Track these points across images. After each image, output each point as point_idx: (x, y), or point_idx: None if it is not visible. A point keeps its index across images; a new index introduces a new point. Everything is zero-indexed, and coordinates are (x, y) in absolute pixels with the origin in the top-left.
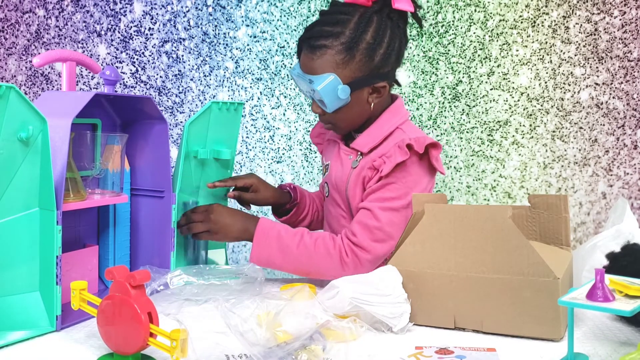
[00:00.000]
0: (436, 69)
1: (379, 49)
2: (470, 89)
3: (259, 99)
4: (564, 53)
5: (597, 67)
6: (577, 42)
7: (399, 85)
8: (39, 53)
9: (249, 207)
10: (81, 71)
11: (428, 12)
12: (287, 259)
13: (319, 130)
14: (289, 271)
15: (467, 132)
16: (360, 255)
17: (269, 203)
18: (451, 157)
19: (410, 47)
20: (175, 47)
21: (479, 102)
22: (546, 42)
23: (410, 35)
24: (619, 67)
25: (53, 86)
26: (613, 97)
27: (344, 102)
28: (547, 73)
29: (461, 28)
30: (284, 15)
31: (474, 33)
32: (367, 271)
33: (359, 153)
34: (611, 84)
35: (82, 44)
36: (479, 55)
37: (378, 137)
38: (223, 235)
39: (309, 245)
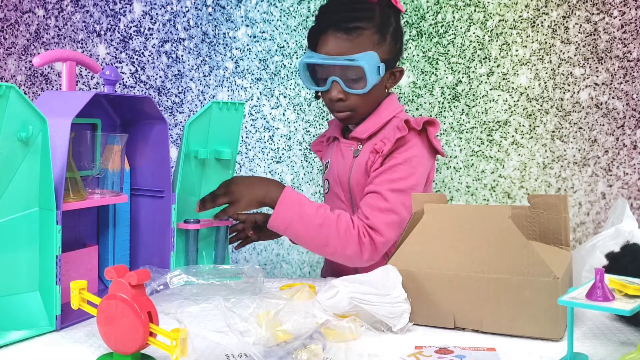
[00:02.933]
0: (436, 69)
1: (400, 35)
2: (469, 89)
3: (258, 99)
4: (563, 53)
5: (596, 67)
6: (576, 42)
7: None
8: (39, 53)
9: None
10: (81, 71)
11: (428, 12)
12: (307, 228)
13: (317, 141)
14: (306, 242)
15: (466, 132)
16: (375, 237)
17: (276, 237)
18: (451, 157)
19: (410, 47)
20: (174, 47)
21: (479, 102)
22: (546, 42)
23: (410, 35)
24: (619, 67)
25: (53, 86)
26: (612, 97)
27: (377, 80)
28: (546, 73)
29: (461, 28)
30: (284, 15)
31: (474, 33)
32: (379, 255)
33: (359, 143)
34: (611, 84)
35: (82, 44)
36: (478, 56)
37: (377, 124)
38: (246, 203)
39: (332, 219)
